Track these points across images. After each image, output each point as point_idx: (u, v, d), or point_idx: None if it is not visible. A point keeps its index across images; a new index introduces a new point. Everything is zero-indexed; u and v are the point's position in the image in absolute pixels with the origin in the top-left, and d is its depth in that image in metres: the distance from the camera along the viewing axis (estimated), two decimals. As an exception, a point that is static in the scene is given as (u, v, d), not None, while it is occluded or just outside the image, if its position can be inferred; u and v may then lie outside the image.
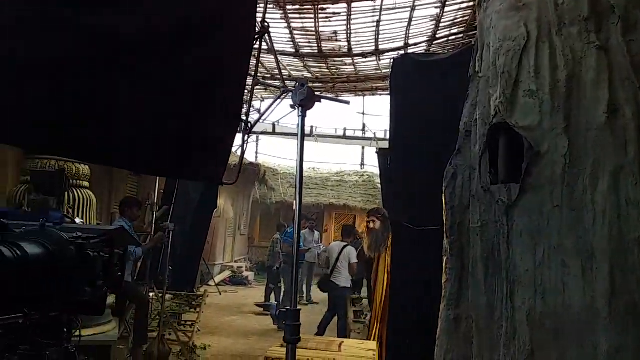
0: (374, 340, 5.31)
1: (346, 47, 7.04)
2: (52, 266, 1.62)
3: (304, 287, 11.19)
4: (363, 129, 17.97)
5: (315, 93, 1.96)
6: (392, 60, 4.90)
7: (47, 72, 1.52)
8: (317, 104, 1.96)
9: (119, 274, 1.86)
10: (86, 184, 4.95)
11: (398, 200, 4.01)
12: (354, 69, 7.97)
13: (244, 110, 2.14)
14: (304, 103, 1.97)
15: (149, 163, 1.78)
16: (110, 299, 4.65)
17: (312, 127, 16.47)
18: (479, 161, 2.24)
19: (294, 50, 7.16)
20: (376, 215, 6.36)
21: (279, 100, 2.50)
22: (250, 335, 8.07)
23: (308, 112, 1.96)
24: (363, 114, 17.69)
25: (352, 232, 8.17)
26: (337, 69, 8.09)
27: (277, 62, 5.13)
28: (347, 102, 2.57)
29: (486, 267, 2.18)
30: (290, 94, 1.91)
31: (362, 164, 20.72)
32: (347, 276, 7.36)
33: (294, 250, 2.15)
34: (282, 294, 9.37)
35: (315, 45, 7.01)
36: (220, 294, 11.84)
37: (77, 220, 2.44)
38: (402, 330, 3.64)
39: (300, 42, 7.02)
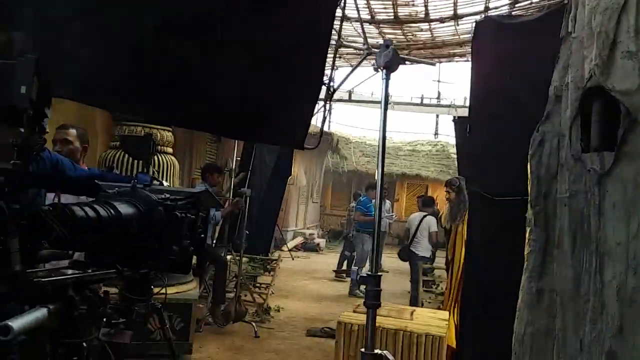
0: (447, 310, 5.27)
1: (423, 13, 6.83)
2: (143, 226, 1.69)
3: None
4: (438, 97, 17.53)
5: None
6: (473, 24, 4.70)
7: (140, 40, 1.57)
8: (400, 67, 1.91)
9: (202, 235, 1.92)
10: (170, 150, 5.15)
11: (477, 170, 3.90)
12: (430, 35, 7.73)
13: (326, 76, 2.12)
14: (389, 65, 1.92)
15: (235, 128, 1.81)
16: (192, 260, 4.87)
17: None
18: (569, 128, 2.12)
19: (369, 17, 7.02)
20: (450, 187, 6.24)
21: (361, 63, 2.46)
22: (322, 299, 8.23)
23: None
24: (438, 81, 17.23)
25: (431, 202, 8.22)
26: (413, 35, 7.87)
27: (361, 22, 5.05)
28: (433, 64, 2.50)
29: (573, 239, 2.08)
30: (372, 56, 1.87)
31: (436, 134, 20.30)
32: (427, 246, 7.50)
33: (376, 217, 2.13)
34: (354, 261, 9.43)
35: (391, 11, 6.84)
36: (293, 259, 12.12)
37: (165, 183, 2.54)
38: (478, 302, 3.58)
39: (375, 8, 6.87)
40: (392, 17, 7.04)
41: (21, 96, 1.24)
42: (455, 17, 6.79)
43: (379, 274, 1.85)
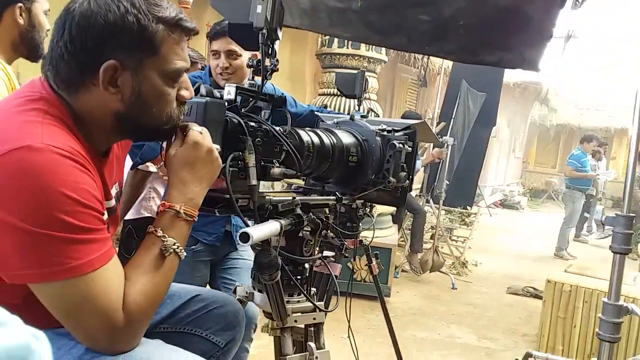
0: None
1: None
2: (362, 154, 1.68)
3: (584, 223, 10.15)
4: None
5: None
6: None
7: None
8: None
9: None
10: (374, 96, 5.19)
11: None
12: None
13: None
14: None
15: (474, 51, 1.68)
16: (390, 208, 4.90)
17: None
18: None
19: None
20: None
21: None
22: (522, 259, 7.78)
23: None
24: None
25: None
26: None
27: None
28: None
29: None
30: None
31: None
32: None
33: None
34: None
35: None
36: (491, 216, 11.63)
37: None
38: None
39: None
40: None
41: (257, 15, 1.26)
42: None
43: (631, 214, 1.61)
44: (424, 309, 4.94)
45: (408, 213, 6.17)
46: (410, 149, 1.73)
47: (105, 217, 1.04)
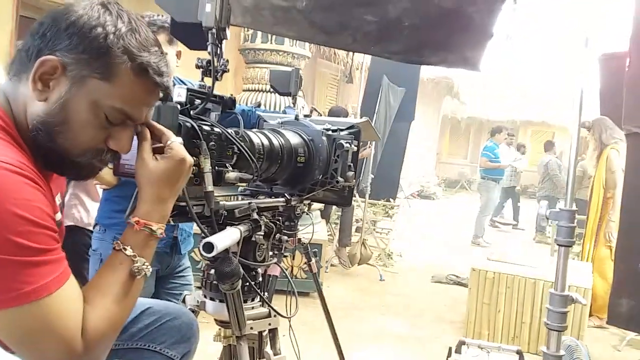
0: (589, 261, 4.94)
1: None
2: (309, 155, 1.67)
3: (502, 210, 10.77)
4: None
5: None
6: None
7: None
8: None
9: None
10: (300, 92, 5.17)
11: (635, 108, 3.49)
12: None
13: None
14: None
15: (418, 51, 1.70)
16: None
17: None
18: None
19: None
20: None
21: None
22: (443, 247, 8.10)
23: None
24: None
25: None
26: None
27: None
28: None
29: None
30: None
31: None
32: None
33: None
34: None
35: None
36: (410, 207, 12.01)
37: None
38: (635, 252, 3.27)
39: None
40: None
41: (207, 14, 1.21)
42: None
43: (573, 209, 1.70)
44: (356, 302, 5.02)
45: (335, 207, 6.23)
46: (355, 148, 1.74)
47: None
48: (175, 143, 1.05)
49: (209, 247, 1.09)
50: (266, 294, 1.61)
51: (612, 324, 3.79)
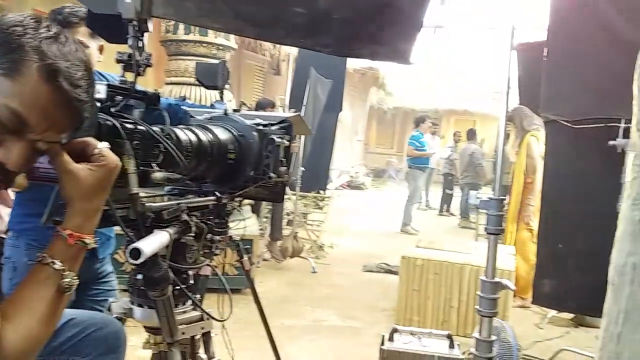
0: (511, 244, 5.16)
1: None
2: (240, 151, 1.62)
3: (423, 193, 11.15)
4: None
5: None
6: None
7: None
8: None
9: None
10: (226, 85, 5.06)
11: (553, 97, 3.66)
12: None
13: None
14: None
15: (349, 44, 1.68)
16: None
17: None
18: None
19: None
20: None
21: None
22: (374, 236, 8.24)
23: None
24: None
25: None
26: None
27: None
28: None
29: (692, 163, 1.91)
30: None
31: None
32: None
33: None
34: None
35: None
36: (340, 197, 12.13)
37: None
38: (555, 234, 3.45)
39: None
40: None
41: (126, 5, 1.14)
42: None
43: (501, 197, 1.74)
44: (289, 295, 5.00)
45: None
46: (288, 142, 1.70)
47: None
48: (105, 149, 0.97)
49: (136, 253, 1.02)
50: (198, 296, 1.56)
51: (537, 303, 3.99)
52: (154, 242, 1.09)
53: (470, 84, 17.05)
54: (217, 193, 1.61)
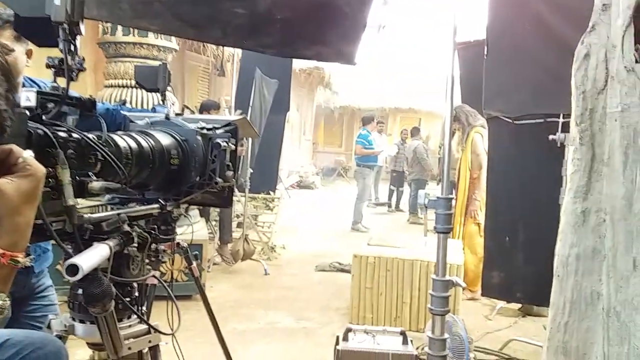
0: (459, 238, 5.27)
1: None
2: (183, 156, 1.57)
3: (372, 189, 11.27)
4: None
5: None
6: None
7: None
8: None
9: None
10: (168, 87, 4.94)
11: (493, 94, 3.76)
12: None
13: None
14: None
15: (291, 45, 1.65)
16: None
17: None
18: (621, 37, 1.99)
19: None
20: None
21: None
22: (325, 235, 8.26)
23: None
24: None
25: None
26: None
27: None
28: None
29: (625, 156, 1.98)
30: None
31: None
32: None
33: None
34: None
35: None
36: (290, 198, 12.09)
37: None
38: (501, 228, 3.54)
39: None
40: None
41: (56, 7, 1.08)
42: None
43: (450, 196, 1.76)
44: (241, 299, 4.94)
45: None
46: (233, 146, 1.67)
47: None
48: (30, 158, 0.91)
49: (74, 269, 0.97)
50: (144, 308, 1.50)
51: (486, 295, 4.09)
52: (93, 257, 1.03)
53: (415, 82, 17.36)
54: (161, 200, 1.56)
